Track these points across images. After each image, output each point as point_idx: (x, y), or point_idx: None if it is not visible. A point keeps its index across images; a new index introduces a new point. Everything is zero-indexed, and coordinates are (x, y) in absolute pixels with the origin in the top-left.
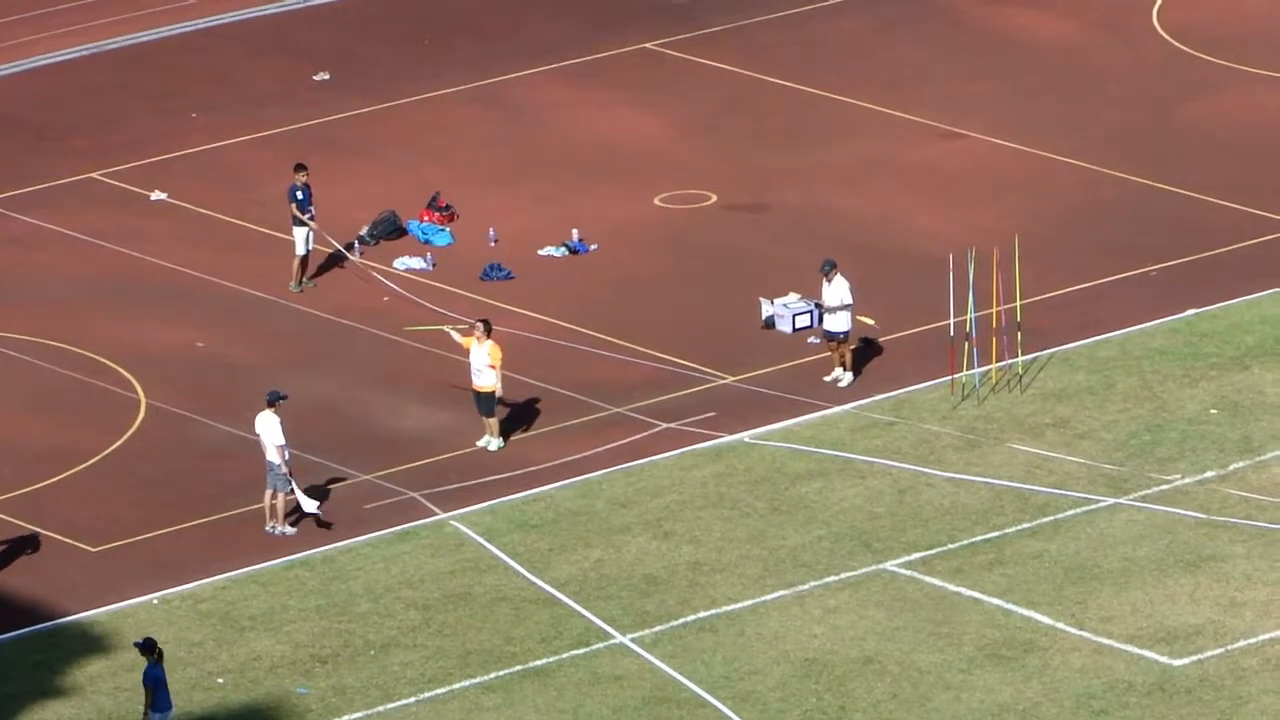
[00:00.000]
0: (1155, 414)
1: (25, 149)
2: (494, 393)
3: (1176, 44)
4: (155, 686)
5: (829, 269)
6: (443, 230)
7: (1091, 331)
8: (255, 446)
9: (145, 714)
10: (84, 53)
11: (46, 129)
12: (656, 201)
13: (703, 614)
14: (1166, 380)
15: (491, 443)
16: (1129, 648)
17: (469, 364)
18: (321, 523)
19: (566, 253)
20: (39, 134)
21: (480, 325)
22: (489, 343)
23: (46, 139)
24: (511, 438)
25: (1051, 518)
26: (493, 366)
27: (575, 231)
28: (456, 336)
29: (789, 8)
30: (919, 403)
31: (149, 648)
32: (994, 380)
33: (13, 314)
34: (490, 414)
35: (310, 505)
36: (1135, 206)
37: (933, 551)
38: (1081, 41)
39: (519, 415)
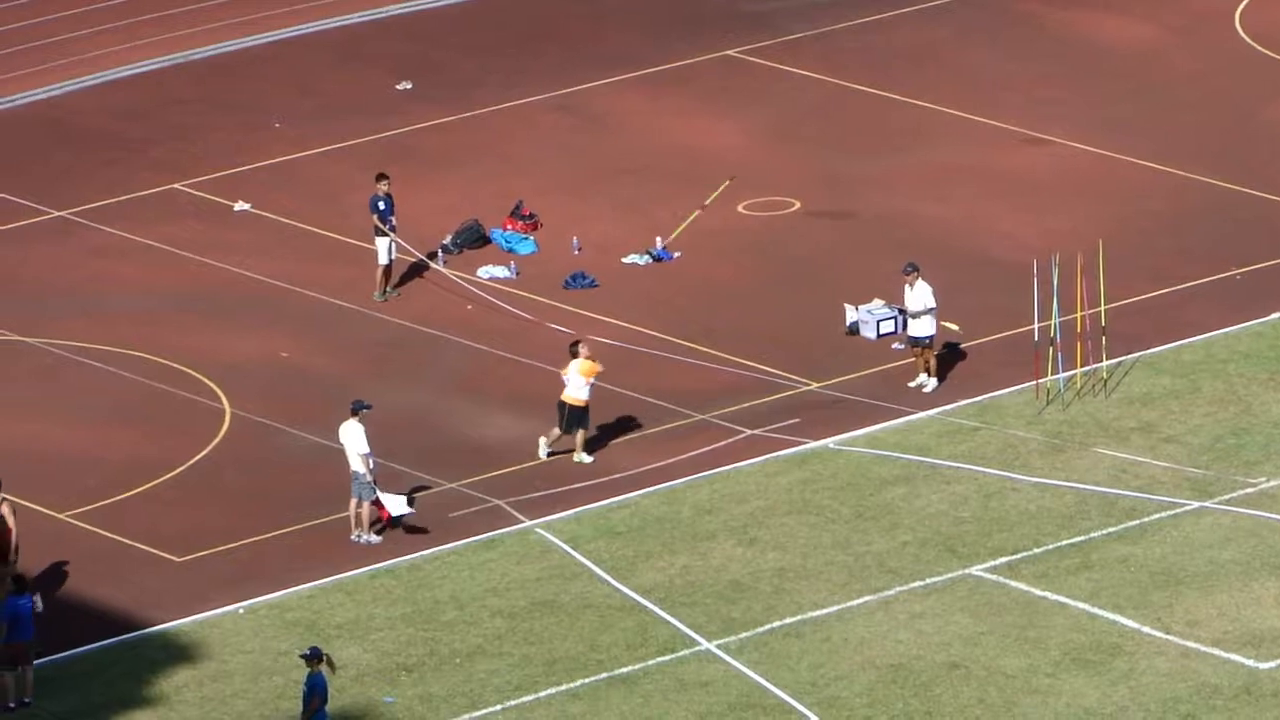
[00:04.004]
0: (1240, 417)
1: (107, 160)
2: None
3: (1259, 48)
4: (321, 695)
5: (910, 271)
6: (526, 239)
7: (1176, 335)
8: (340, 455)
9: None
10: (166, 63)
11: (129, 140)
12: (740, 208)
13: (788, 620)
14: (1251, 383)
15: (586, 457)
16: (1215, 651)
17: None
18: (413, 527)
19: (650, 260)
20: (121, 145)
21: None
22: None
23: (129, 150)
24: (596, 445)
25: (1137, 521)
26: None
27: (659, 239)
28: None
29: (870, 14)
30: (1004, 408)
31: (317, 656)
32: (1079, 385)
33: (97, 325)
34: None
35: (400, 508)
36: (1219, 210)
37: (1018, 556)
38: (1163, 45)
39: (605, 423)
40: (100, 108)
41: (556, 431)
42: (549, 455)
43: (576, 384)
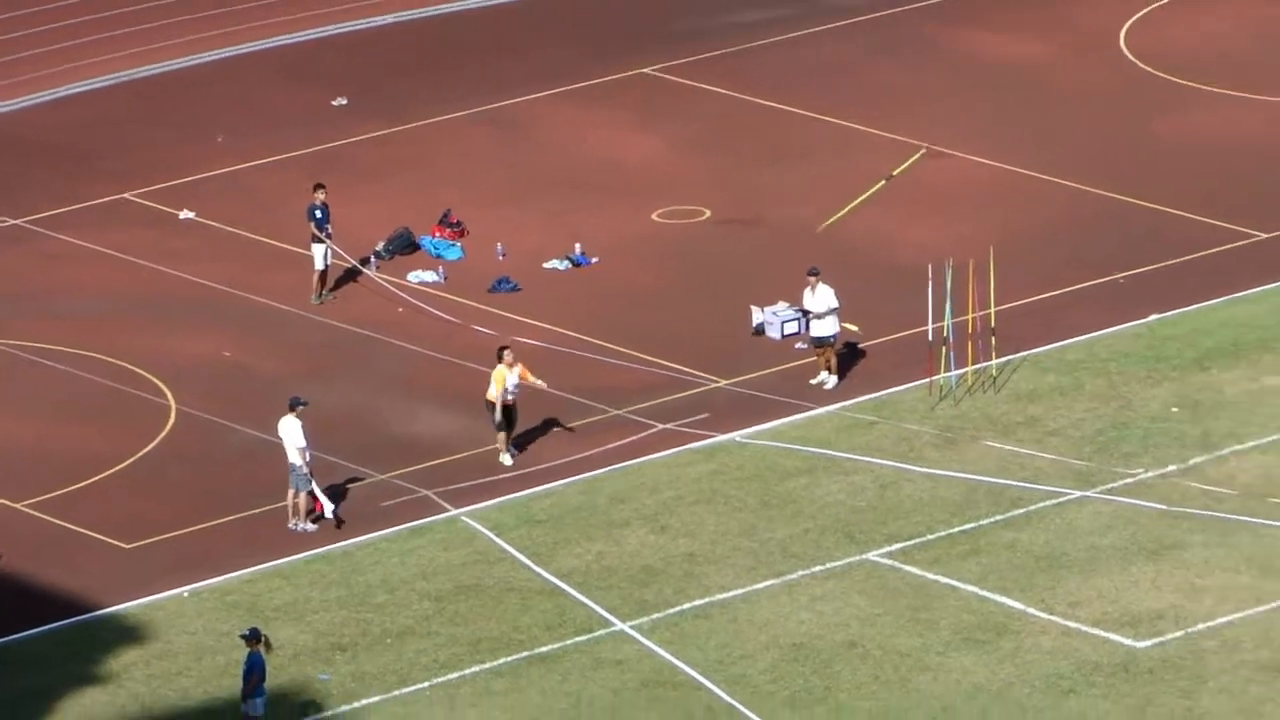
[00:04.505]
0: (1120, 412)
1: (61, 172)
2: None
3: (1143, 65)
4: (259, 673)
5: (813, 274)
6: (454, 245)
7: (1061, 335)
8: (278, 449)
9: (248, 702)
10: (115, 81)
11: (81, 153)
12: (654, 216)
13: (697, 602)
14: (1131, 381)
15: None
16: (1095, 631)
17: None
18: (338, 522)
19: (570, 265)
20: (74, 158)
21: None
22: (519, 366)
23: (81, 162)
24: (519, 439)
25: (1023, 510)
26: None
27: (578, 245)
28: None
29: (779, 34)
30: (899, 403)
31: (256, 637)
32: (969, 382)
33: (50, 326)
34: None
35: (328, 508)
36: (1103, 219)
37: (912, 542)
38: (1054, 64)
39: (527, 418)
40: (54, 123)
41: (502, 434)
42: (514, 459)
43: (498, 385)
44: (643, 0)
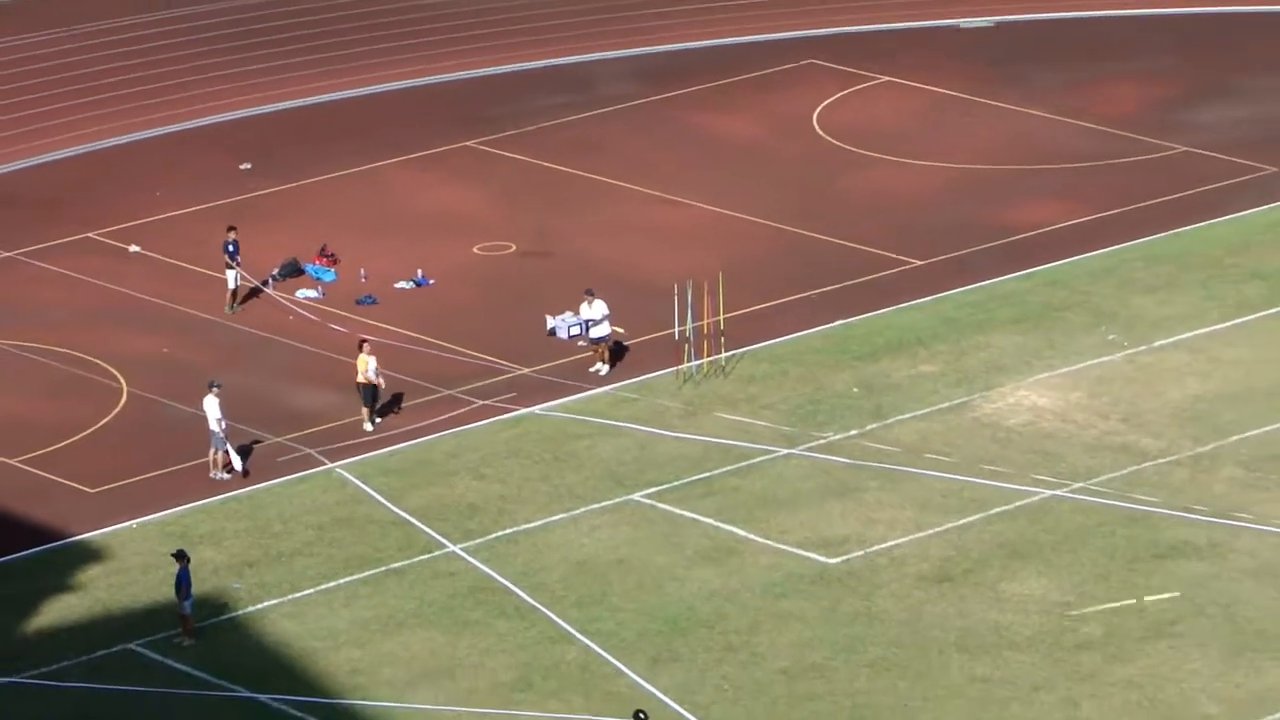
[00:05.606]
0: (815, 391)
1: (40, 217)
2: (378, 386)
3: (830, 139)
4: (187, 583)
5: (589, 293)
6: (329, 270)
7: (772, 335)
8: (202, 419)
9: (180, 603)
10: (82, 150)
11: (55, 203)
12: (475, 250)
13: (508, 530)
14: (823, 368)
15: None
16: (799, 551)
17: (360, 368)
18: (244, 473)
19: (414, 285)
20: (49, 207)
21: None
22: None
23: (55, 210)
24: (377, 412)
25: (746, 463)
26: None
27: (420, 270)
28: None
29: (564, 117)
30: (655, 386)
31: (181, 555)
32: (706, 370)
33: (31, 330)
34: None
35: (237, 463)
36: (802, 251)
37: (665, 487)
38: (764, 138)
39: (383, 397)
40: (34, 181)
41: (365, 408)
42: (374, 426)
43: (361, 370)
44: (465, 94)
